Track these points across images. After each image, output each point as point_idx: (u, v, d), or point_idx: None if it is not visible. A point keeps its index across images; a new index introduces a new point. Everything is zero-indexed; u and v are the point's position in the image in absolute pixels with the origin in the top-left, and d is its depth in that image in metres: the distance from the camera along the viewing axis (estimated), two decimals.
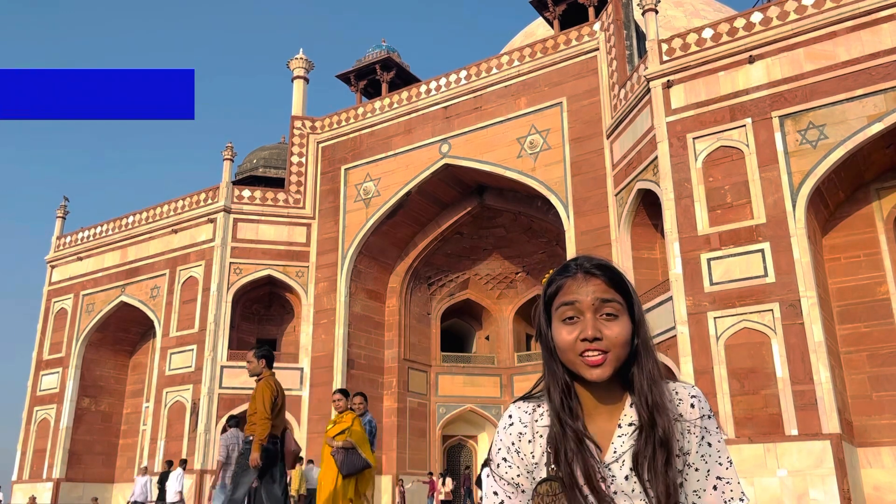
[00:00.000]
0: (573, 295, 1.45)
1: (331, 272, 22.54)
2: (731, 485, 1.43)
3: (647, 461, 1.39)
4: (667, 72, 15.54)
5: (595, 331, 1.41)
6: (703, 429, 1.44)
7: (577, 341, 1.42)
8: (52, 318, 25.96)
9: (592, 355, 1.41)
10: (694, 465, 1.43)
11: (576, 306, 1.44)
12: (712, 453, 1.44)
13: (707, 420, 1.45)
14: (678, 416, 1.44)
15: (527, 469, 1.48)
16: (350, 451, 7.92)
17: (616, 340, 1.41)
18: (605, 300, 1.43)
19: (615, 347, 1.41)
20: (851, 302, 14.42)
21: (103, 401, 25.48)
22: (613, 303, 1.44)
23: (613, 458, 1.43)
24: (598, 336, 1.41)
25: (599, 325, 1.42)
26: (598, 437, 1.46)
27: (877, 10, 13.61)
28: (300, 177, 23.74)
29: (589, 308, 1.43)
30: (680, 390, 1.48)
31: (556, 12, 21.28)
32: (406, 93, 22.70)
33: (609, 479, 1.41)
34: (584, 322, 1.42)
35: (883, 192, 14.81)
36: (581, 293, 1.44)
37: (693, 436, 1.44)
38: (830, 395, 12.49)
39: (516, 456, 1.49)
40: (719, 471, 1.43)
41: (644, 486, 1.39)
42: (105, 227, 25.63)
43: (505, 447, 1.50)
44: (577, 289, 1.45)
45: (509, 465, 1.49)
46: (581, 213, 18.41)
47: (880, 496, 13.31)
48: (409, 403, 23.20)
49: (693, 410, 1.45)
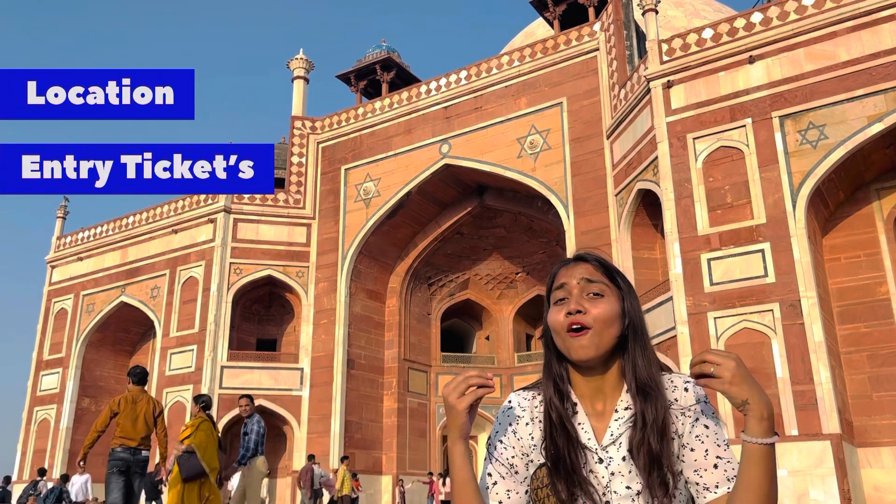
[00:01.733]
0: (563, 277, 1.55)
1: (331, 272, 22.54)
2: (732, 463, 1.46)
3: (637, 442, 1.44)
4: (667, 72, 15.54)
5: (577, 304, 1.49)
6: (699, 412, 1.48)
7: (564, 317, 1.49)
8: (53, 318, 25.96)
9: (575, 327, 1.48)
10: (689, 445, 1.47)
11: (565, 288, 1.53)
12: (709, 434, 1.47)
13: (703, 404, 1.50)
14: (672, 401, 1.49)
15: (522, 452, 1.53)
16: (191, 455, 8.35)
17: (599, 317, 1.48)
18: (590, 280, 1.52)
19: (597, 323, 1.48)
20: (851, 302, 14.41)
21: (103, 401, 25.43)
22: (599, 283, 1.52)
23: (610, 440, 1.48)
24: (581, 309, 1.48)
25: (583, 302, 1.50)
26: (597, 421, 1.51)
27: (877, 10, 13.61)
28: (300, 177, 23.75)
29: (575, 287, 1.52)
30: (675, 378, 1.53)
31: (556, 12, 21.28)
32: (406, 93, 22.70)
33: (606, 461, 1.46)
34: (570, 299, 1.51)
35: (883, 192, 14.81)
36: (569, 275, 1.54)
37: (687, 418, 1.48)
38: (830, 395, 12.49)
39: (513, 437, 1.55)
40: (718, 451, 1.46)
41: (640, 467, 1.44)
42: (105, 227, 25.63)
43: (503, 429, 1.56)
44: (567, 272, 1.56)
45: (505, 446, 1.54)
46: (581, 213, 18.41)
47: (880, 496, 13.31)
48: (409, 403, 23.20)
49: (687, 395, 1.50)
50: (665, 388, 1.49)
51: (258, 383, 21.57)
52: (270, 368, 21.95)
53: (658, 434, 1.44)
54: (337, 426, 20.99)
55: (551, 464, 1.47)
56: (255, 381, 21.59)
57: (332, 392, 21.34)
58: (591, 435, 1.49)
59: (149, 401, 8.15)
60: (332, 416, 21.10)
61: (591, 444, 1.48)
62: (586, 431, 1.49)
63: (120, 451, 7.86)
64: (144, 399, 8.13)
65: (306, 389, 21.75)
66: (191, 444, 8.33)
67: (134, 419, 7.92)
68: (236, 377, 21.50)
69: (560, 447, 1.47)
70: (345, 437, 21.07)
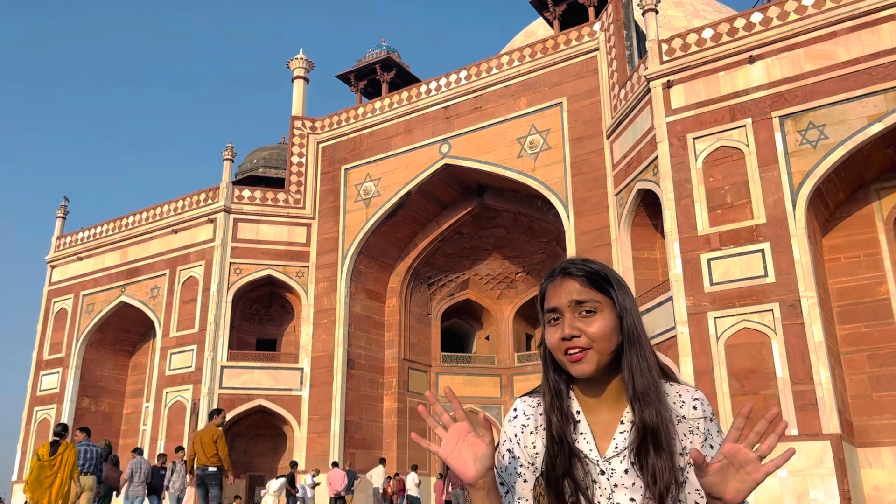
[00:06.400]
0: (552, 300, 1.51)
1: (331, 272, 22.54)
2: None
3: (638, 448, 1.43)
4: (667, 72, 15.54)
5: (572, 329, 1.46)
6: (707, 431, 1.48)
7: (560, 341, 1.47)
8: (52, 318, 25.96)
9: (573, 352, 1.46)
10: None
11: (556, 310, 1.50)
12: (715, 455, 1.46)
13: (709, 423, 1.49)
14: (681, 417, 1.48)
15: (528, 460, 1.53)
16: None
17: (595, 335, 1.46)
18: (579, 301, 1.48)
19: (596, 342, 1.46)
20: (851, 302, 14.41)
21: (103, 401, 25.48)
22: (590, 301, 1.48)
23: (614, 452, 1.47)
24: (576, 333, 1.46)
25: (578, 323, 1.47)
26: (600, 432, 1.50)
27: (877, 10, 13.61)
28: (300, 177, 23.75)
29: (566, 309, 1.48)
30: (683, 393, 1.52)
31: (556, 12, 21.28)
32: (406, 93, 22.70)
33: (608, 473, 1.45)
34: (562, 322, 1.48)
35: (883, 192, 14.81)
36: (558, 295, 1.50)
37: (696, 436, 1.47)
38: (830, 395, 12.49)
39: (519, 447, 1.54)
40: None
41: (641, 472, 1.43)
42: (105, 227, 25.63)
43: (509, 438, 1.56)
44: (555, 291, 1.51)
45: (513, 455, 1.55)
46: (581, 213, 18.41)
47: (880, 496, 13.31)
48: (409, 403, 23.20)
49: (696, 412, 1.49)
50: (670, 399, 1.49)
51: (258, 383, 21.57)
52: (270, 368, 21.95)
53: (657, 441, 1.43)
54: (337, 426, 20.99)
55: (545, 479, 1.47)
56: (255, 380, 21.60)
57: (332, 392, 21.34)
58: (594, 446, 1.48)
59: (212, 431, 11.07)
60: (332, 416, 21.10)
61: (593, 456, 1.47)
62: (588, 442, 1.49)
63: (198, 470, 11.04)
64: (209, 430, 11.14)
65: (306, 389, 21.75)
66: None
67: (201, 445, 10.90)
68: (236, 377, 21.50)
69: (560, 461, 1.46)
70: (345, 437, 21.07)
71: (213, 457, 10.79)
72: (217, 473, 10.91)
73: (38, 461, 8.98)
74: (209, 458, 10.80)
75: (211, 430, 11.02)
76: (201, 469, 10.88)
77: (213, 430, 10.99)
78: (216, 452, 10.81)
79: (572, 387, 1.55)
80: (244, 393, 21.44)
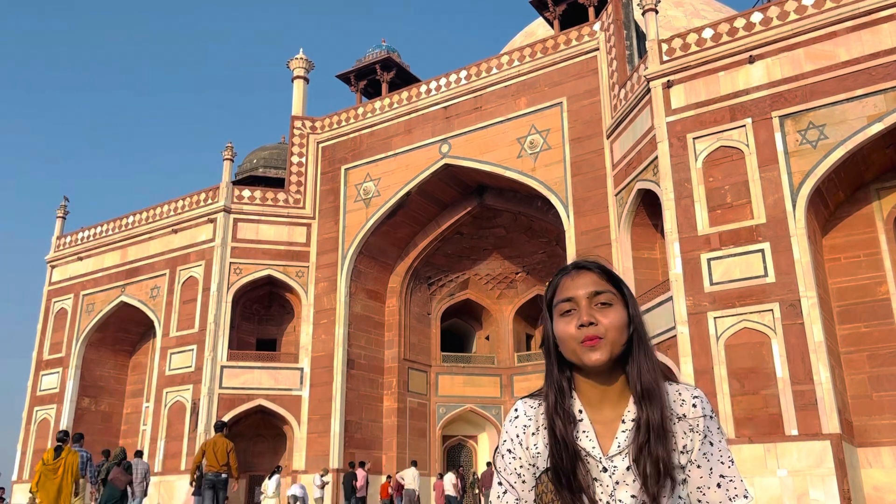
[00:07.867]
0: (568, 290, 1.54)
1: (331, 272, 22.55)
2: (735, 482, 1.48)
3: (640, 446, 1.45)
4: (667, 72, 15.54)
5: (590, 316, 1.49)
6: (706, 428, 1.49)
7: (576, 329, 1.49)
8: (52, 318, 25.96)
9: (590, 338, 1.48)
10: (696, 462, 1.48)
11: (573, 300, 1.52)
12: (714, 452, 1.49)
13: (709, 420, 1.50)
14: (681, 415, 1.50)
15: (529, 462, 1.54)
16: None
17: (611, 325, 1.49)
18: (598, 291, 1.52)
19: (610, 332, 1.48)
20: (851, 302, 14.41)
21: (103, 401, 25.48)
22: (607, 293, 1.52)
23: (617, 450, 1.48)
24: (593, 321, 1.48)
25: (594, 312, 1.50)
26: (603, 429, 1.52)
27: (877, 10, 13.61)
28: (300, 177, 23.75)
29: (584, 299, 1.51)
30: (683, 391, 1.53)
31: (556, 12, 21.28)
32: (406, 93, 22.70)
33: (610, 471, 1.47)
34: (580, 311, 1.50)
35: (883, 192, 14.81)
36: (575, 286, 1.53)
37: (696, 434, 1.49)
38: (830, 395, 12.49)
39: (520, 448, 1.55)
40: (722, 469, 1.48)
41: (641, 472, 1.44)
42: (105, 227, 25.63)
43: (510, 439, 1.57)
44: (572, 283, 1.54)
45: (514, 456, 1.55)
46: (581, 213, 18.41)
47: (880, 496, 13.31)
48: (409, 403, 23.20)
49: (695, 410, 1.50)
50: (670, 398, 1.50)
51: (258, 383, 21.58)
52: (270, 368, 21.95)
53: (660, 438, 1.44)
54: (337, 426, 20.99)
55: (553, 474, 1.48)
56: (254, 380, 21.60)
57: (332, 392, 21.34)
58: (596, 443, 1.49)
59: (224, 442, 12.23)
60: (332, 415, 21.10)
61: (596, 453, 1.48)
62: (591, 440, 1.50)
63: (210, 475, 12.13)
64: (222, 441, 12.31)
65: (306, 389, 21.75)
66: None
67: (214, 453, 12.04)
68: (236, 377, 21.50)
69: (562, 459, 1.47)
70: (345, 437, 21.08)
71: (226, 465, 12.08)
72: (227, 480, 12.31)
73: (43, 465, 9.74)
74: (222, 466, 12.06)
75: (224, 442, 12.28)
76: (214, 475, 12.10)
77: (225, 441, 12.28)
78: (228, 462, 12.10)
79: (574, 385, 1.56)
80: (244, 393, 21.44)
